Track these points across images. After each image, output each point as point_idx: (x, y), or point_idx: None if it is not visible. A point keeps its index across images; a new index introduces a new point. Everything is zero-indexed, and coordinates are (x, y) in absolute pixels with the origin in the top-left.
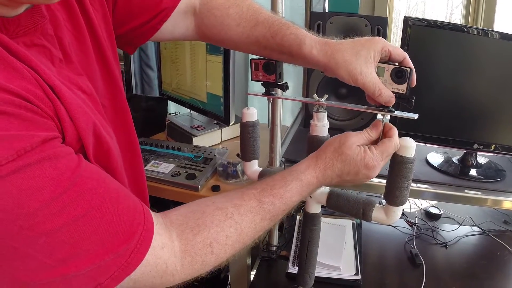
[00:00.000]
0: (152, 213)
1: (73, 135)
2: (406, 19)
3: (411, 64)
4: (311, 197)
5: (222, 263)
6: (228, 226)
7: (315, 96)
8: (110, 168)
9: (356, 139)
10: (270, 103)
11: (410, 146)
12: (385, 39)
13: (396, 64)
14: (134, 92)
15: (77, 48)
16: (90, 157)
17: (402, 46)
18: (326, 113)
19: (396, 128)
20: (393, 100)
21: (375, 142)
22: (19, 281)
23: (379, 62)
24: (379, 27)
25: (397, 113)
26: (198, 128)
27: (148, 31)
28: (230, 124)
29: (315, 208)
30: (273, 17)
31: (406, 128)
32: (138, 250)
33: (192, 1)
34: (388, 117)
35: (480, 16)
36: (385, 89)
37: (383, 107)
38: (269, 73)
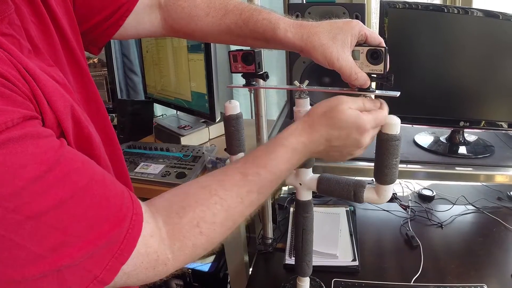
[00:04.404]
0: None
1: (52, 118)
2: (382, 3)
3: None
4: (301, 184)
5: (215, 244)
6: (213, 203)
7: (296, 82)
8: (93, 155)
9: (352, 103)
10: (253, 94)
11: (394, 123)
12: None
13: (371, 46)
14: (119, 97)
15: (44, 41)
16: (71, 143)
17: (380, 31)
18: (308, 98)
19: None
20: (369, 83)
21: None
22: (8, 280)
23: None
24: (357, 13)
25: (379, 92)
26: (185, 128)
27: (111, 27)
28: (216, 120)
29: (306, 195)
30: (242, 4)
31: (391, 111)
32: (130, 235)
33: None
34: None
35: None
36: (361, 73)
37: (365, 89)
38: (248, 64)
